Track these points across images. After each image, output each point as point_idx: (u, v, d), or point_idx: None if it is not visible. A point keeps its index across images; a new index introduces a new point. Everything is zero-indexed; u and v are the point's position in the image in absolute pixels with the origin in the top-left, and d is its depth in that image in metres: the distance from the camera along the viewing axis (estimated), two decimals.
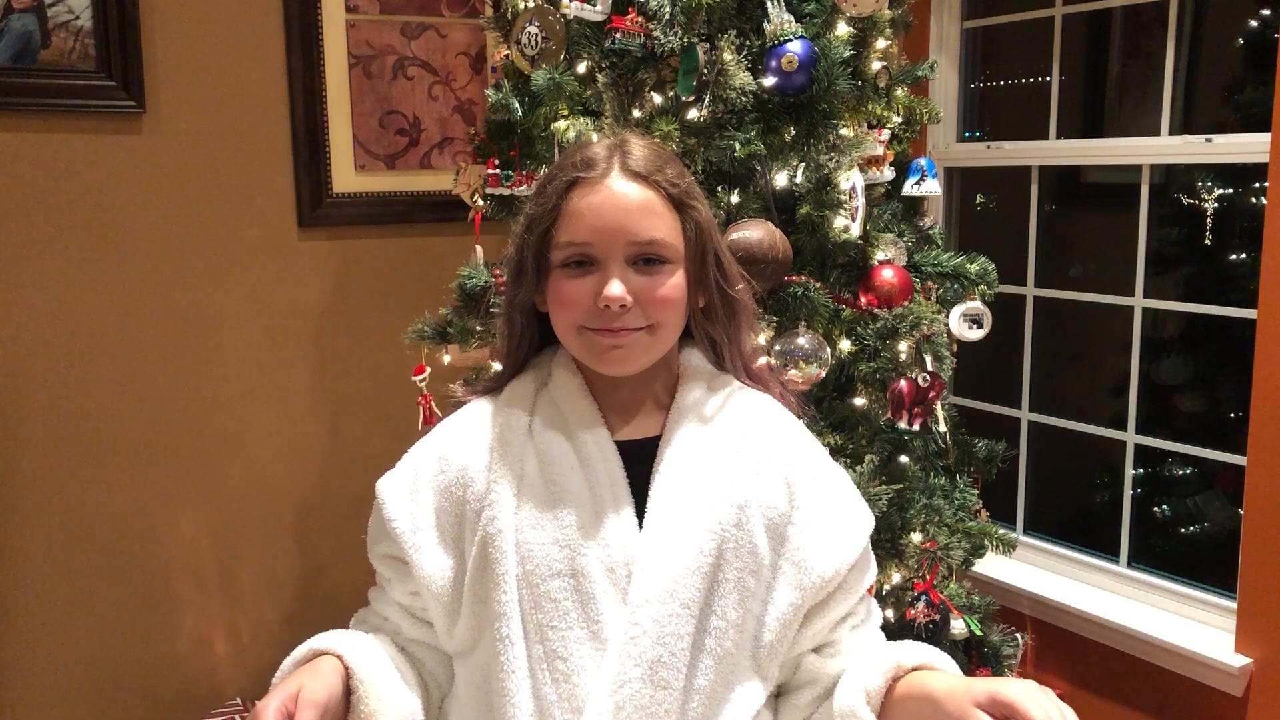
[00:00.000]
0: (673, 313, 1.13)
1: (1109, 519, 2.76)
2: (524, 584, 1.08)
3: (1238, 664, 2.32)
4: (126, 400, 2.55)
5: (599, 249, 1.10)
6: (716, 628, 1.09)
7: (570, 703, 1.06)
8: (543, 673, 1.07)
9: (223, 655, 2.71)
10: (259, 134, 2.62)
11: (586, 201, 1.10)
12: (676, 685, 1.06)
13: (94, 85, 2.42)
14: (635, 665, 1.05)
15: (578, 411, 1.15)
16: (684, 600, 1.07)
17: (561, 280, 1.12)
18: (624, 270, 1.10)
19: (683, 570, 1.07)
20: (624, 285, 1.09)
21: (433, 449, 1.20)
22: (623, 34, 1.93)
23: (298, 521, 2.76)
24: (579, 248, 1.10)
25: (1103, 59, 3.01)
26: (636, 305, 1.10)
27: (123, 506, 2.56)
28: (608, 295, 1.08)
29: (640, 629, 1.05)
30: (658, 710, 1.05)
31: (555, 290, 1.12)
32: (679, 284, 1.13)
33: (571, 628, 1.07)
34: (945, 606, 2.08)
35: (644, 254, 1.11)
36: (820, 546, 1.14)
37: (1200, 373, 2.85)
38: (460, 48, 2.84)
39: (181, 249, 2.55)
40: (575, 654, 1.07)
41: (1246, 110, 2.58)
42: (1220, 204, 2.65)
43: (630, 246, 1.10)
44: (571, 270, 1.11)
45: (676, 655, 1.06)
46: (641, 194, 1.11)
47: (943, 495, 2.16)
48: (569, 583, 1.08)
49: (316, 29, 2.65)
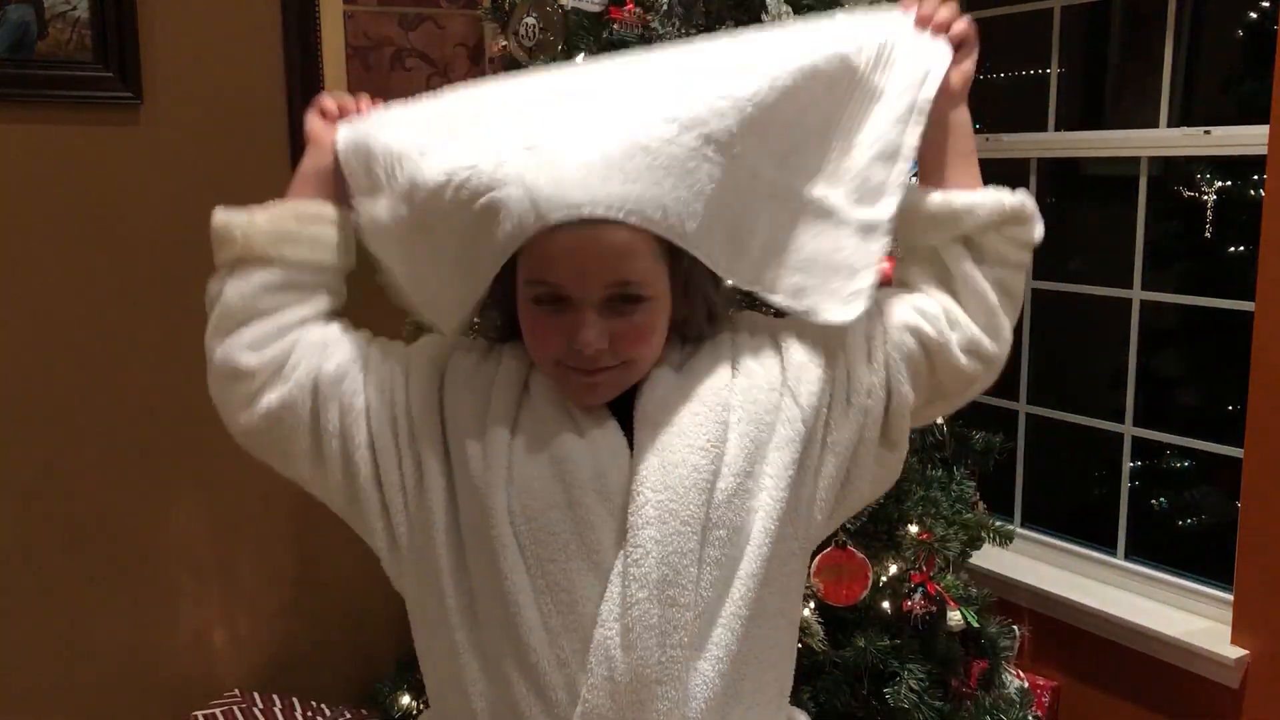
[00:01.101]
0: (649, 346, 1.10)
1: (1106, 511, 2.77)
2: (520, 519, 1.08)
3: (1234, 656, 2.33)
4: (123, 393, 2.54)
5: (573, 291, 1.04)
6: (719, 537, 1.09)
7: (578, 631, 1.07)
8: (547, 604, 1.07)
9: (221, 646, 2.71)
10: (257, 125, 2.62)
11: (560, 245, 1.01)
12: (685, 601, 1.06)
13: (91, 76, 2.42)
14: (641, 587, 1.05)
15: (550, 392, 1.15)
16: (684, 518, 1.06)
17: (533, 313, 1.07)
18: (600, 311, 1.05)
19: (680, 488, 1.07)
20: (599, 329, 1.05)
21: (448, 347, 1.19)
22: (620, 25, 1.93)
23: (295, 512, 2.76)
24: (550, 288, 1.05)
25: (1101, 51, 3.01)
26: (611, 346, 1.07)
27: (120, 499, 2.56)
28: (583, 345, 1.05)
29: (643, 550, 1.05)
30: (668, 629, 1.05)
31: (527, 322, 1.09)
32: (657, 319, 1.09)
33: (571, 559, 1.07)
34: (942, 598, 2.09)
35: (621, 293, 1.05)
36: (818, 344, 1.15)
37: (1198, 365, 2.86)
38: (458, 39, 2.83)
39: (179, 241, 2.55)
40: (578, 584, 1.07)
41: (1245, 102, 2.58)
42: (1219, 196, 2.65)
43: (607, 289, 1.05)
44: (544, 307, 1.06)
45: (682, 573, 1.06)
46: (614, 229, 1.01)
47: (940, 487, 2.16)
48: (566, 514, 1.08)
49: (314, 20, 2.64)
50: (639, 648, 1.05)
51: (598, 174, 1.00)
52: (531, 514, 1.08)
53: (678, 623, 1.06)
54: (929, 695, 2.03)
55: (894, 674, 2.04)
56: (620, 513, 1.08)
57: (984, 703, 2.17)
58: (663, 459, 1.08)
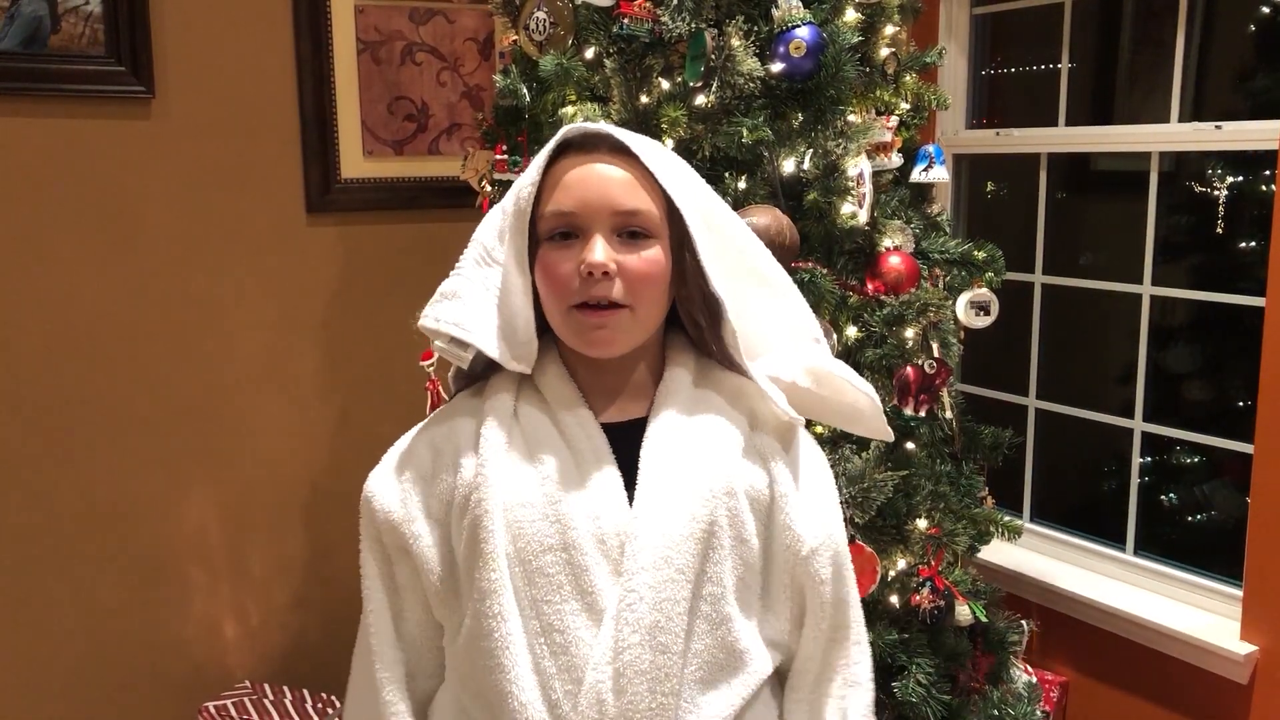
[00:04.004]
0: (653, 288, 1.14)
1: (1116, 506, 2.76)
2: (515, 561, 1.10)
3: (1243, 652, 2.32)
4: (135, 385, 2.56)
5: (583, 218, 1.12)
6: (712, 593, 1.11)
7: (570, 673, 1.08)
8: (540, 646, 1.09)
9: (232, 638, 2.73)
10: (267, 120, 2.63)
11: (573, 173, 1.13)
12: (676, 649, 1.08)
13: (103, 70, 2.43)
14: (634, 632, 1.07)
15: (559, 395, 1.17)
16: (679, 566, 1.09)
17: (549, 252, 1.13)
18: (608, 238, 1.12)
19: (676, 537, 1.09)
20: (608, 251, 1.11)
21: (419, 441, 1.21)
22: (631, 19, 1.93)
23: (306, 505, 2.78)
24: (564, 218, 1.12)
25: (1113, 46, 3.00)
26: (619, 278, 1.11)
27: (132, 490, 2.58)
28: (591, 261, 1.10)
29: (637, 595, 1.07)
30: (658, 674, 1.07)
31: (543, 263, 1.14)
32: (659, 259, 1.14)
33: (566, 600, 1.09)
34: (950, 593, 2.09)
35: (628, 226, 1.12)
36: (804, 519, 1.18)
37: (1208, 361, 2.85)
38: (468, 33, 2.84)
39: (190, 234, 2.56)
40: (571, 625, 1.08)
41: (1257, 97, 2.57)
42: (1230, 192, 2.64)
43: (614, 216, 1.12)
44: (557, 243, 1.13)
45: (674, 620, 1.08)
46: (628, 166, 1.14)
47: (949, 482, 2.17)
48: (561, 556, 1.09)
49: (325, 14, 2.65)
50: (629, 692, 1.06)
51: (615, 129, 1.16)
52: (526, 556, 1.10)
53: (669, 670, 1.07)
54: (937, 689, 2.03)
55: (902, 668, 2.04)
56: (617, 555, 1.10)
57: (992, 697, 2.18)
58: (662, 506, 1.10)
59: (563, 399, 1.17)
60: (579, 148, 1.15)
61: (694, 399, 1.18)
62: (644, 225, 1.13)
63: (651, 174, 1.14)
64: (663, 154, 1.18)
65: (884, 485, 1.98)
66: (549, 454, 1.13)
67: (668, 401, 1.17)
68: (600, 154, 1.14)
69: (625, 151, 1.14)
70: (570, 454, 1.14)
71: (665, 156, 1.18)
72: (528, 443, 1.15)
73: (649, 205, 1.13)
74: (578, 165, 1.13)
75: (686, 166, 1.22)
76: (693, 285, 1.17)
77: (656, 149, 1.18)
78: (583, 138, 1.15)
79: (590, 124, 1.18)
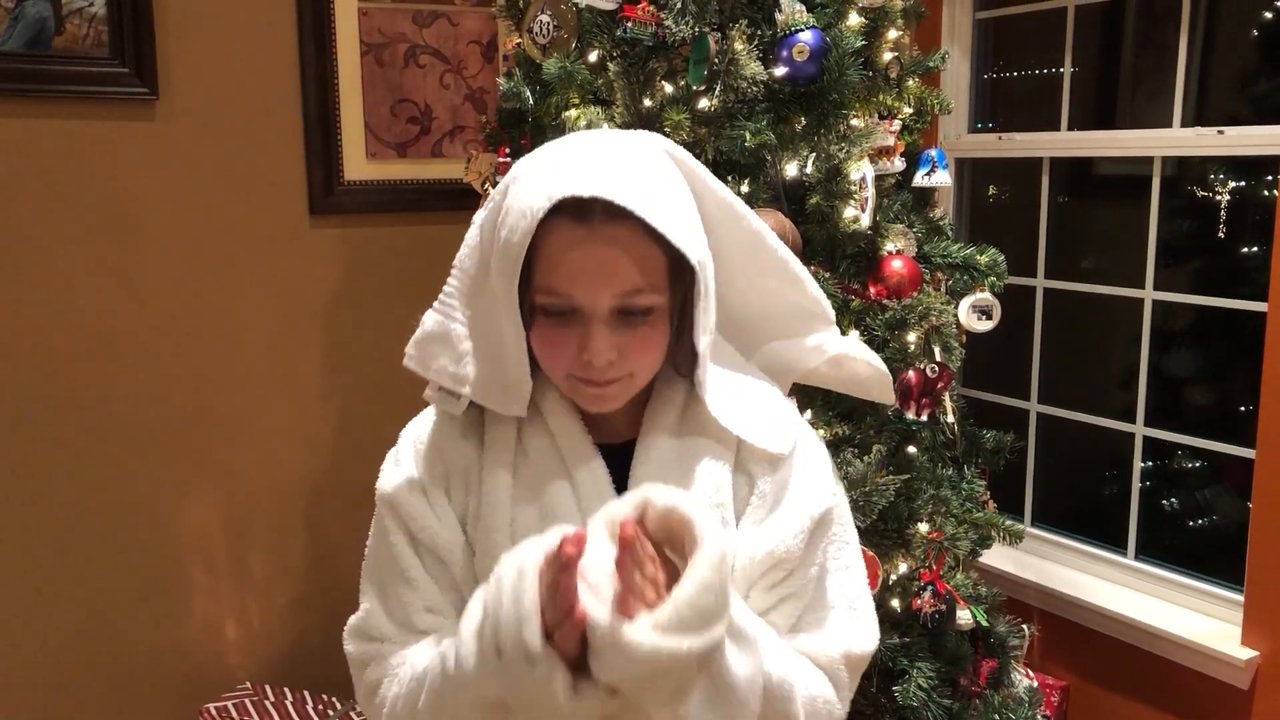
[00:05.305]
0: (654, 357, 1.13)
1: (1117, 511, 2.76)
2: None
3: (1244, 657, 2.32)
4: (138, 386, 2.56)
5: (581, 303, 1.07)
6: None
7: None
8: None
9: (233, 639, 2.73)
10: (271, 121, 2.63)
11: (570, 255, 1.05)
12: None
13: (107, 72, 2.43)
14: None
15: (564, 426, 1.17)
16: None
17: (546, 328, 1.10)
18: (608, 323, 1.08)
19: None
20: (608, 341, 1.08)
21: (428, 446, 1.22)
22: (634, 23, 1.93)
23: (308, 507, 2.78)
24: (562, 299, 1.08)
25: (1115, 50, 3.00)
26: (619, 358, 1.10)
27: (134, 491, 2.58)
28: (593, 361, 1.08)
29: None
30: None
31: (540, 336, 1.11)
32: (662, 333, 1.12)
33: None
34: (952, 597, 2.09)
35: (628, 306, 1.08)
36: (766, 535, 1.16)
37: (1210, 365, 2.85)
38: (472, 36, 2.84)
39: (193, 236, 2.57)
40: None
41: (1260, 102, 2.57)
42: (1232, 196, 2.64)
43: (614, 298, 1.07)
44: (554, 319, 1.09)
45: None
46: (627, 230, 1.05)
47: (950, 486, 2.17)
48: None
49: (328, 16, 2.65)
50: None
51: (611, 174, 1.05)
52: None
53: None
54: (938, 694, 2.03)
55: (903, 672, 2.04)
56: None
57: (993, 702, 2.18)
58: None
59: (568, 431, 1.17)
60: (573, 213, 1.04)
61: (682, 420, 1.18)
62: (645, 303, 1.09)
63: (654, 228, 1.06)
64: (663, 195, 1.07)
65: (885, 489, 1.98)
66: (551, 490, 1.15)
67: (656, 423, 1.17)
68: (597, 220, 1.04)
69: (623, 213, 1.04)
70: (572, 489, 1.15)
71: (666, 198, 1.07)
72: (532, 475, 1.16)
73: (650, 274, 1.08)
74: (574, 241, 1.05)
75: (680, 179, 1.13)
76: (685, 338, 1.15)
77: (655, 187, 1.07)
78: (577, 202, 1.05)
79: (584, 181, 1.04)
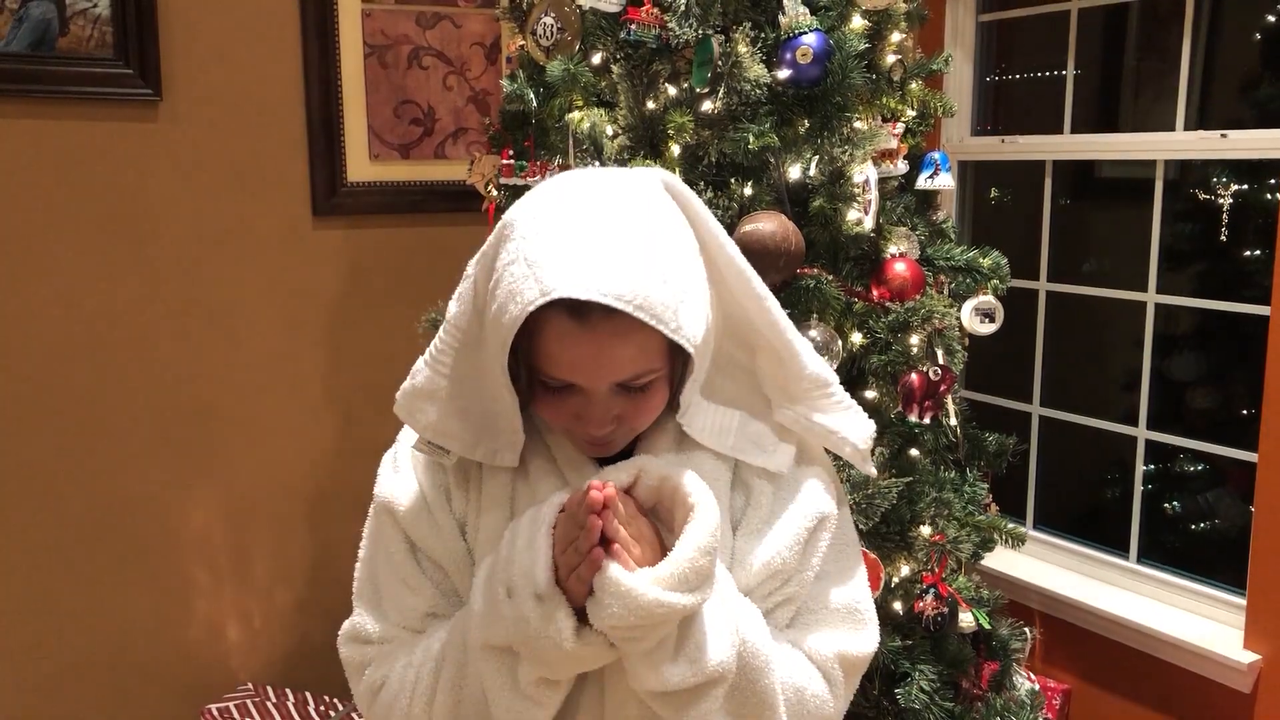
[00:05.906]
0: (653, 414, 1.14)
1: (1119, 514, 2.76)
2: None
3: (1246, 660, 2.32)
4: (141, 387, 2.56)
5: (581, 384, 1.07)
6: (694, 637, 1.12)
7: None
8: None
9: (235, 640, 2.73)
10: (274, 123, 2.63)
11: (568, 349, 1.03)
12: None
13: (111, 73, 2.44)
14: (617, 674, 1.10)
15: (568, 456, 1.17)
16: None
17: (546, 397, 1.10)
18: (609, 396, 1.08)
19: None
20: (608, 414, 1.08)
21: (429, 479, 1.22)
22: (638, 25, 1.94)
23: (311, 508, 2.78)
24: (561, 381, 1.07)
25: (1118, 53, 3.00)
26: (619, 423, 1.10)
27: (137, 492, 2.58)
28: (593, 427, 1.09)
29: None
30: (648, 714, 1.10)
31: (540, 401, 1.11)
32: (660, 397, 1.12)
33: None
34: (954, 599, 2.09)
35: (626, 385, 1.08)
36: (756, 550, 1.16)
37: (1212, 369, 2.85)
38: (475, 38, 2.84)
39: (197, 237, 2.57)
40: None
41: (1263, 106, 2.57)
42: (1235, 200, 2.64)
43: (614, 381, 1.07)
44: (554, 392, 1.09)
45: None
46: (625, 329, 1.02)
47: (953, 489, 2.17)
48: None
49: (332, 18, 2.66)
50: None
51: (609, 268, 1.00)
52: None
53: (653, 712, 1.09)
54: (940, 696, 2.03)
55: (905, 674, 2.04)
56: None
57: (995, 704, 2.18)
58: None
59: (571, 461, 1.17)
60: (569, 308, 1.01)
61: (680, 443, 1.18)
62: (644, 381, 1.08)
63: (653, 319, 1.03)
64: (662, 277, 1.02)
65: (888, 492, 1.98)
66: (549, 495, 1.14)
67: (655, 442, 1.17)
68: (595, 318, 1.01)
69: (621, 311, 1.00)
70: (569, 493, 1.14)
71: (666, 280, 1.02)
72: (530, 484, 1.16)
73: (649, 358, 1.07)
74: (571, 335, 1.02)
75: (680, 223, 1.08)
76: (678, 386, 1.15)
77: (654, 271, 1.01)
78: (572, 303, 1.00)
79: (580, 282, 0.99)
